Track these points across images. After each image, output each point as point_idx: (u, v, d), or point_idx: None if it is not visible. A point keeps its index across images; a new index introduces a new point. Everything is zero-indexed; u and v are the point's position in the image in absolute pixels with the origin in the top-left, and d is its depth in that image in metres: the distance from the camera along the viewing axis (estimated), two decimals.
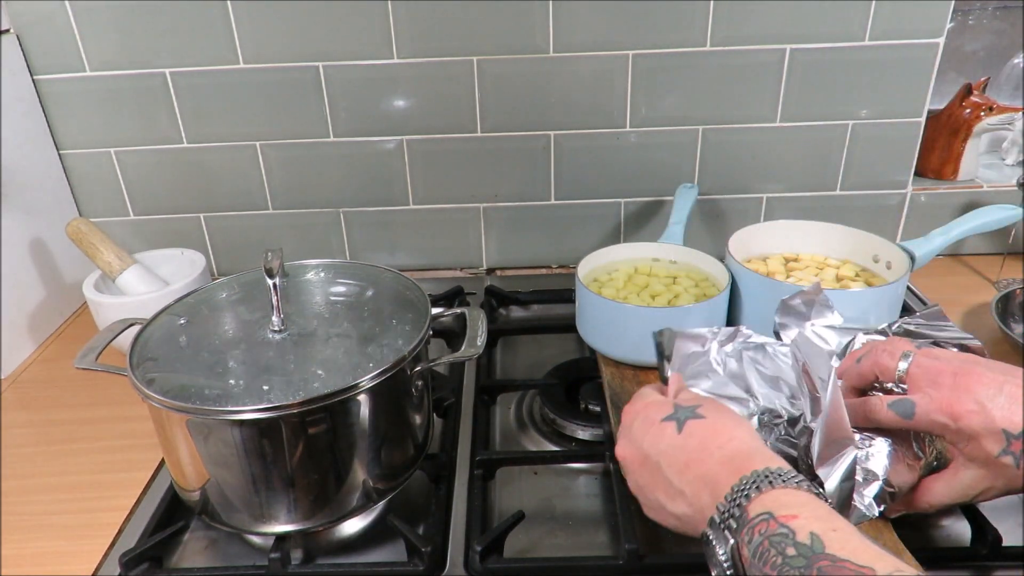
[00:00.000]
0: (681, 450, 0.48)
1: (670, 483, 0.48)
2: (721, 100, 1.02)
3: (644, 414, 0.53)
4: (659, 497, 0.50)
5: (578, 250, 0.98)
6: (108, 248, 0.90)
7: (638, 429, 0.53)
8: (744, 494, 0.42)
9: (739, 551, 0.41)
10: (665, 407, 0.52)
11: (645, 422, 0.52)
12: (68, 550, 0.66)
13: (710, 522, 0.44)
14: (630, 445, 0.53)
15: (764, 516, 0.40)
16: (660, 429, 0.51)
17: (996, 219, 0.87)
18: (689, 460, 0.47)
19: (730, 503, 0.42)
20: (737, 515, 0.41)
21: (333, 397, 0.56)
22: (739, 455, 0.45)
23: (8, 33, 0.97)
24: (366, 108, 1.03)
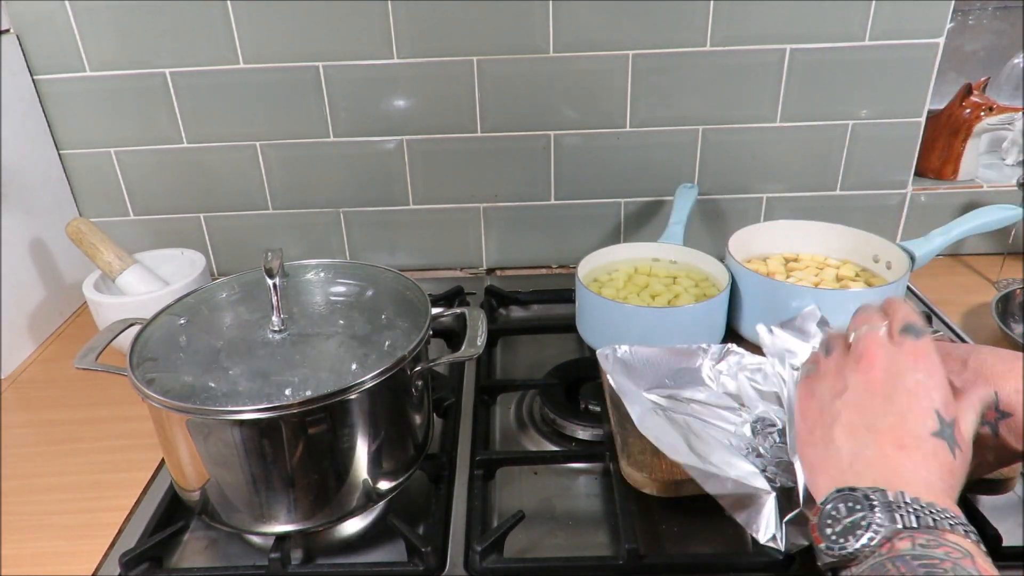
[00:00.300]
0: (914, 440, 0.42)
1: (867, 428, 0.43)
2: (721, 100, 1.02)
3: (937, 384, 0.44)
4: (844, 411, 0.44)
5: (578, 250, 0.98)
6: (108, 248, 0.90)
7: (914, 380, 0.44)
8: (946, 519, 0.38)
9: (891, 540, 0.37)
10: (951, 408, 0.44)
11: (923, 387, 0.44)
12: (68, 550, 0.66)
13: (878, 491, 0.39)
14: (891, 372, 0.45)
15: (962, 551, 0.36)
16: (926, 412, 0.43)
17: (996, 219, 0.87)
18: (907, 449, 0.42)
19: (922, 508, 0.38)
20: (926, 523, 0.38)
21: (333, 397, 0.56)
22: (943, 493, 0.40)
23: (8, 33, 0.97)
24: (366, 108, 1.03)
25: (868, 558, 0.38)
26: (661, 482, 0.63)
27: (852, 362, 0.46)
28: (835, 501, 0.40)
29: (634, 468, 0.64)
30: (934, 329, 0.55)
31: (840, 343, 0.49)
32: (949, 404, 0.43)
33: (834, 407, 0.45)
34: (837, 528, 0.39)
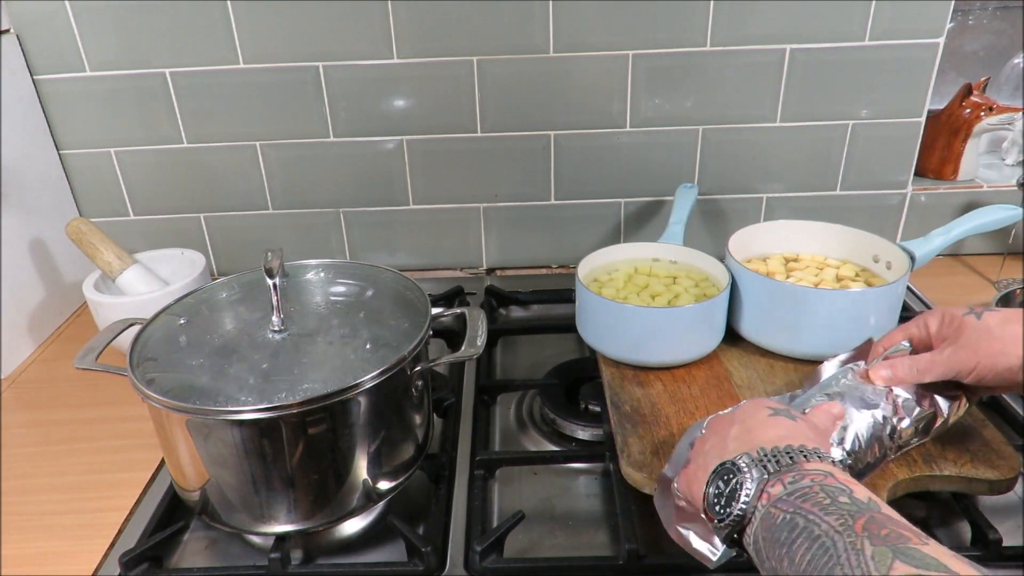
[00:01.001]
0: (758, 422, 0.49)
1: (724, 439, 0.49)
2: (721, 100, 1.02)
3: (751, 404, 0.53)
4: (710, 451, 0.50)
5: (578, 250, 0.98)
6: (108, 248, 0.90)
7: (743, 407, 0.53)
8: (801, 453, 0.43)
9: (765, 489, 0.42)
10: (765, 409, 0.52)
11: (748, 407, 0.53)
12: (68, 550, 0.66)
13: (742, 455, 0.45)
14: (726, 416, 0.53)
15: (823, 472, 0.42)
16: (757, 406, 0.52)
17: (996, 219, 0.87)
18: (754, 426, 0.48)
19: (779, 452, 0.44)
20: (785, 462, 0.43)
21: (333, 397, 0.56)
22: (796, 437, 0.47)
23: (8, 33, 0.97)
24: (366, 108, 1.03)
25: (756, 513, 0.42)
26: None
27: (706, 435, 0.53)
28: (714, 479, 0.46)
29: (634, 468, 0.64)
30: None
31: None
32: (773, 401, 0.52)
33: (701, 456, 0.50)
34: (722, 501, 0.44)
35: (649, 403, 0.73)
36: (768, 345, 0.81)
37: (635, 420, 0.71)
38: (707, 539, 0.51)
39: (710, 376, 0.78)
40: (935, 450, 0.64)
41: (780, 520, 0.40)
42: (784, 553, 0.39)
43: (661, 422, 0.70)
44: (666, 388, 0.76)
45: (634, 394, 0.75)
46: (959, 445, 0.64)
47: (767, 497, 0.42)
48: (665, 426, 0.70)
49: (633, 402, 0.74)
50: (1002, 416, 0.76)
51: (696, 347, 0.79)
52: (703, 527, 0.51)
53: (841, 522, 0.37)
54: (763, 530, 0.41)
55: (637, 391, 0.76)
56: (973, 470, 0.62)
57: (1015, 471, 0.62)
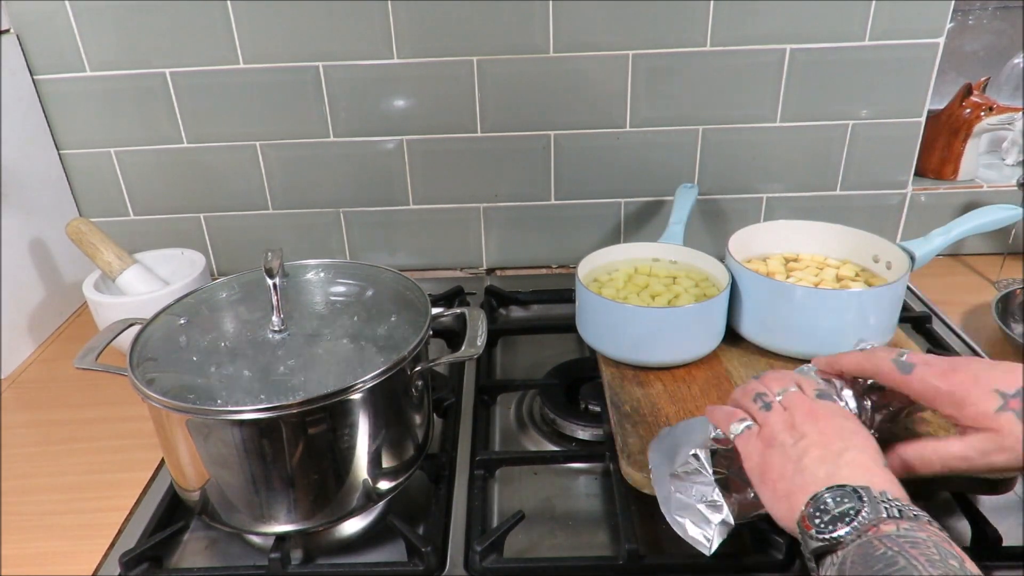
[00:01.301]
0: (876, 465, 0.47)
1: (838, 454, 0.47)
2: (721, 100, 1.02)
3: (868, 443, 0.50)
4: (809, 445, 0.48)
5: (578, 250, 0.98)
6: (108, 248, 0.90)
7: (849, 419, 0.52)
8: (927, 517, 0.42)
9: (878, 525, 0.41)
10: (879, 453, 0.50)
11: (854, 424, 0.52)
12: (68, 550, 0.66)
13: (866, 488, 0.43)
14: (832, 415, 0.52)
15: (943, 536, 0.40)
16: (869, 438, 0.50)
17: (996, 219, 0.87)
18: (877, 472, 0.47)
19: (904, 506, 0.42)
20: (908, 515, 0.42)
21: (333, 397, 0.56)
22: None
23: (8, 33, 0.97)
24: (366, 108, 1.03)
25: (855, 541, 0.41)
26: None
27: (796, 415, 0.51)
28: (826, 494, 0.44)
29: (634, 468, 0.64)
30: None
31: (774, 402, 0.54)
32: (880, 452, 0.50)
33: (799, 447, 0.49)
34: (826, 517, 0.43)
35: (649, 403, 0.73)
36: (768, 345, 0.81)
37: (635, 420, 0.71)
38: (702, 527, 0.52)
39: (710, 376, 0.78)
40: None
41: (880, 552, 0.39)
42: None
43: (661, 422, 0.70)
44: (666, 388, 0.76)
45: (634, 394, 0.75)
46: None
47: (875, 531, 0.41)
48: (665, 426, 0.70)
49: (633, 402, 0.74)
50: None
51: (696, 347, 0.79)
52: (697, 516, 0.52)
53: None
54: (857, 556, 0.40)
55: (637, 391, 0.76)
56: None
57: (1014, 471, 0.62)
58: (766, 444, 0.51)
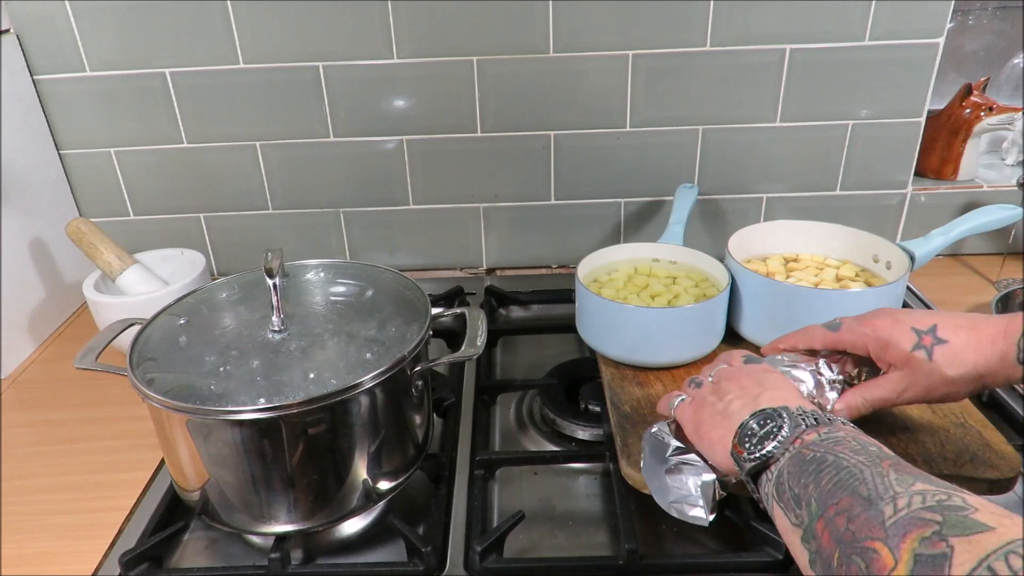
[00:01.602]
0: (792, 394, 0.52)
1: (755, 397, 0.52)
2: (721, 100, 1.02)
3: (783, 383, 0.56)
4: (733, 395, 0.53)
5: (578, 250, 0.98)
6: (108, 248, 0.90)
7: (767, 371, 0.57)
8: (839, 420, 0.47)
9: (800, 437, 0.45)
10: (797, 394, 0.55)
11: (776, 373, 0.56)
12: (68, 550, 0.66)
13: (783, 407, 0.48)
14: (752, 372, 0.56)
15: (857, 430, 0.45)
16: (786, 382, 0.55)
17: (996, 219, 0.87)
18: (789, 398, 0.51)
19: (819, 414, 0.47)
20: (824, 420, 0.46)
21: (333, 397, 0.56)
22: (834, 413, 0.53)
23: (8, 33, 0.97)
24: (366, 108, 1.03)
25: (785, 454, 0.45)
26: None
27: (723, 381, 0.56)
28: (749, 421, 0.48)
29: (634, 468, 0.64)
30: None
31: (704, 380, 0.58)
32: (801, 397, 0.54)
33: (724, 401, 0.53)
34: (754, 440, 0.47)
35: (649, 403, 0.73)
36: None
37: (635, 420, 0.71)
38: (696, 504, 0.55)
39: None
40: (935, 450, 0.64)
41: (810, 457, 0.43)
42: (809, 480, 0.41)
43: None
44: (666, 388, 0.76)
45: (634, 394, 0.75)
46: (959, 445, 0.64)
47: (800, 442, 0.44)
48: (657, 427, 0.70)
49: (633, 402, 0.74)
50: (1002, 416, 0.76)
51: (696, 347, 0.79)
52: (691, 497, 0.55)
53: (870, 460, 0.40)
54: (789, 466, 0.44)
55: (637, 391, 0.76)
56: (973, 470, 0.62)
57: (1015, 471, 0.62)
58: (697, 407, 0.56)
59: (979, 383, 0.55)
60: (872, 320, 0.59)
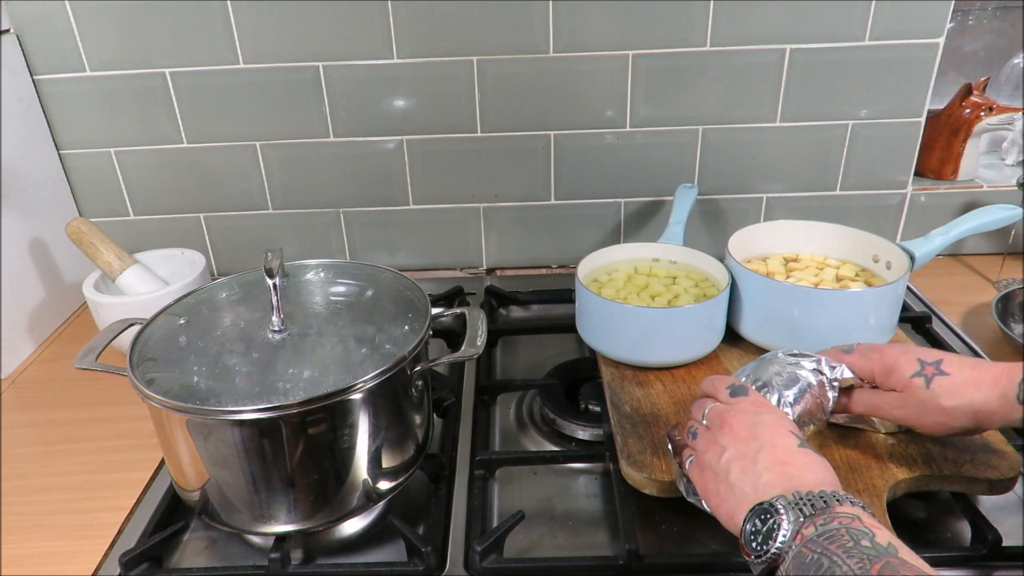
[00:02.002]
0: (789, 454, 0.51)
1: (753, 460, 0.51)
2: (721, 100, 1.02)
3: (779, 415, 0.56)
4: (732, 460, 0.52)
5: (578, 250, 0.98)
6: (108, 248, 0.90)
7: (764, 420, 0.54)
8: (835, 498, 0.46)
9: (799, 532, 0.45)
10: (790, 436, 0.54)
11: (774, 418, 0.55)
12: (68, 550, 0.66)
13: (780, 498, 0.47)
14: (748, 423, 0.54)
15: (851, 516, 0.44)
16: (786, 434, 0.53)
17: (996, 219, 0.87)
18: (789, 461, 0.50)
19: (815, 496, 0.46)
20: (820, 506, 0.45)
21: (333, 397, 0.56)
22: (831, 480, 0.49)
23: (8, 33, 0.97)
24: (366, 108, 1.03)
25: (789, 552, 0.45)
26: (661, 482, 0.63)
27: (716, 431, 0.55)
28: (751, 519, 0.48)
29: (634, 468, 0.64)
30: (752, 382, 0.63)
31: (699, 427, 0.57)
32: (793, 426, 0.55)
33: (721, 465, 0.53)
34: (759, 539, 0.47)
35: (649, 403, 0.74)
36: (768, 345, 0.81)
37: (635, 420, 0.71)
38: None
39: None
40: (935, 450, 0.64)
41: (809, 559, 0.43)
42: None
43: (661, 422, 0.70)
44: (666, 388, 0.76)
45: (634, 394, 0.75)
46: (959, 445, 0.64)
47: (800, 538, 0.45)
48: (665, 426, 0.70)
49: (633, 402, 0.74)
50: None
51: (696, 347, 0.80)
52: None
53: (860, 566, 0.40)
54: (794, 568, 0.44)
55: (637, 391, 0.76)
56: (973, 470, 0.62)
57: (1015, 471, 0.62)
58: (701, 469, 0.55)
59: (975, 419, 0.56)
60: (883, 347, 0.62)
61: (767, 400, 0.59)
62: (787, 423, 0.55)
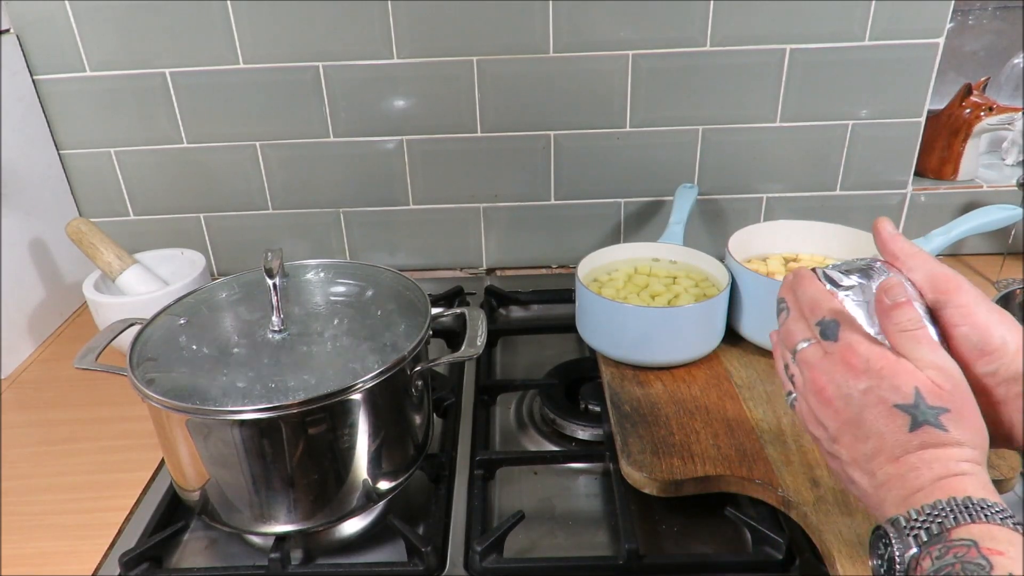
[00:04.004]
0: (899, 446, 0.42)
1: (870, 458, 0.43)
2: (721, 100, 1.02)
3: (877, 379, 0.44)
4: (844, 453, 0.45)
5: (578, 250, 0.98)
6: (108, 248, 0.90)
7: (861, 391, 0.44)
8: (952, 515, 0.39)
9: (917, 563, 0.39)
10: (905, 389, 0.43)
11: (872, 392, 0.44)
12: (68, 550, 0.66)
13: (892, 522, 0.41)
14: (840, 395, 0.45)
15: (967, 542, 0.38)
16: (889, 414, 0.43)
17: (996, 219, 0.87)
18: (901, 458, 0.42)
19: (928, 516, 0.39)
20: (935, 531, 0.39)
21: (333, 397, 0.56)
22: (960, 478, 0.41)
23: (8, 33, 0.97)
24: (366, 108, 1.03)
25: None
26: (661, 482, 0.63)
27: (810, 395, 0.47)
28: (872, 543, 0.42)
29: (634, 468, 0.64)
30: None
31: (794, 371, 0.49)
32: (902, 380, 0.43)
33: (832, 449, 0.46)
34: (883, 568, 0.41)
35: (649, 403, 0.74)
36: (768, 345, 0.81)
37: (635, 420, 0.71)
38: None
39: (710, 376, 0.78)
40: None
41: None
42: None
43: (661, 422, 0.70)
44: (666, 388, 0.76)
45: (634, 394, 0.75)
46: None
47: (920, 570, 0.39)
48: (665, 426, 0.70)
49: (633, 402, 0.74)
50: None
51: (696, 347, 0.80)
52: None
53: None
54: None
55: (637, 391, 0.76)
56: None
57: (1015, 471, 0.62)
58: (808, 427, 0.48)
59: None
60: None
61: (861, 338, 0.45)
62: (888, 385, 0.43)
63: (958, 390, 0.43)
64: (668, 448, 0.67)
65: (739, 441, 0.67)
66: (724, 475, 0.64)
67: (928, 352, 0.44)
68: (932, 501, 0.40)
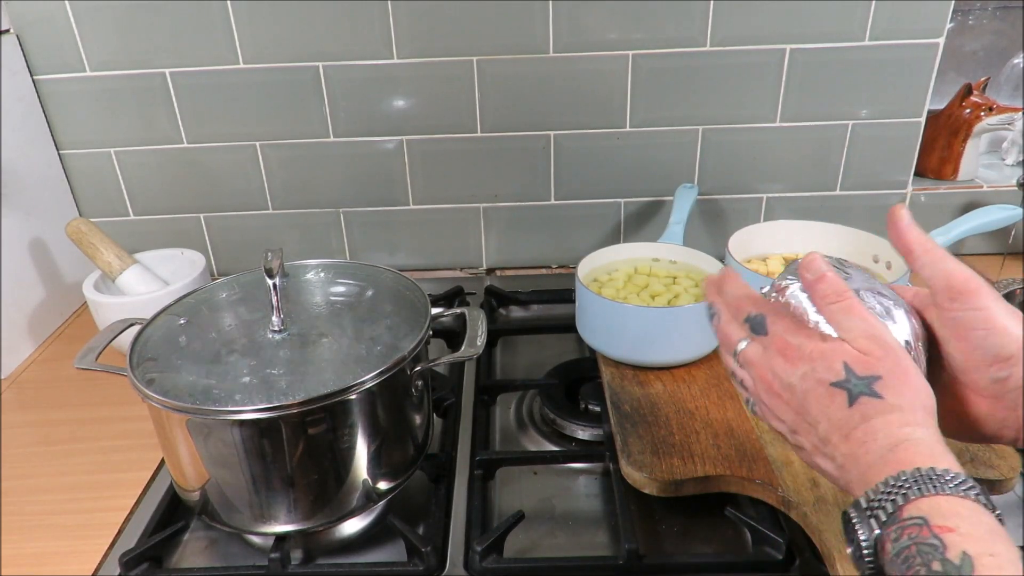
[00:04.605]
0: (844, 424, 0.42)
1: (825, 442, 0.43)
2: (721, 100, 1.02)
3: (810, 363, 0.44)
4: (805, 442, 0.45)
5: (578, 250, 0.98)
6: (108, 248, 0.90)
7: (800, 377, 0.44)
8: (901, 492, 0.38)
9: (882, 544, 0.38)
10: (835, 366, 0.43)
11: (809, 376, 0.44)
12: (68, 550, 0.66)
13: (855, 504, 0.40)
14: (784, 386, 0.45)
15: (918, 521, 0.37)
16: (828, 394, 0.43)
17: (996, 219, 0.87)
18: (849, 435, 0.42)
19: (882, 495, 0.39)
20: (889, 510, 0.38)
21: (333, 397, 0.56)
22: (906, 445, 0.40)
23: (8, 33, 0.97)
24: (366, 108, 1.03)
25: (884, 565, 0.39)
26: (661, 482, 0.63)
27: (762, 388, 0.47)
28: (843, 529, 0.42)
29: (634, 468, 0.64)
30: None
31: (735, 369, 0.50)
32: (832, 358, 0.43)
33: (796, 440, 0.46)
34: (857, 553, 0.40)
35: (649, 403, 0.74)
36: None
37: (635, 420, 0.71)
38: None
39: (710, 376, 0.78)
40: None
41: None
42: None
43: (661, 422, 0.70)
44: (666, 388, 0.76)
45: (634, 394, 0.75)
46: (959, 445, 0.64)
47: (886, 553, 0.38)
48: (665, 426, 0.70)
49: (633, 402, 0.74)
50: None
51: (696, 347, 0.80)
52: None
53: None
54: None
55: (637, 391, 0.76)
56: (973, 470, 0.62)
57: (1015, 471, 0.62)
58: (771, 425, 0.48)
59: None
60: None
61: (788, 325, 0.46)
62: (823, 364, 0.43)
63: (889, 354, 0.43)
64: (668, 448, 0.67)
65: (739, 441, 0.67)
66: (724, 475, 0.64)
67: (858, 321, 0.44)
68: (884, 478, 0.39)
